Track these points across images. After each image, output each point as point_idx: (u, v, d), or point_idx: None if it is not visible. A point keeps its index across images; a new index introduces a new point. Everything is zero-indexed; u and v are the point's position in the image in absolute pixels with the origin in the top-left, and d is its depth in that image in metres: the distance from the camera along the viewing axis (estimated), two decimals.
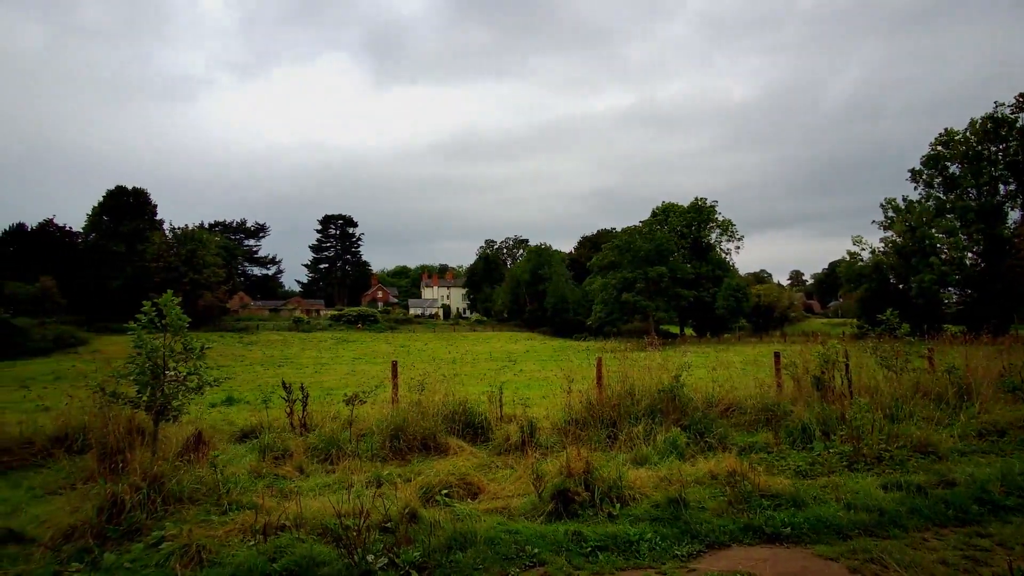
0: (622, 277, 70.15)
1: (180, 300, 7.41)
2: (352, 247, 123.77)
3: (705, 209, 76.26)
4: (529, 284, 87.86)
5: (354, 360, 44.16)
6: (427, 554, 4.89)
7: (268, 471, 7.45)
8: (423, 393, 9.45)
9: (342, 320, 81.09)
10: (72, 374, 33.53)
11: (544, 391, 16.20)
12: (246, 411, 13.95)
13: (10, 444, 8.24)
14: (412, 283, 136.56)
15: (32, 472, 7.76)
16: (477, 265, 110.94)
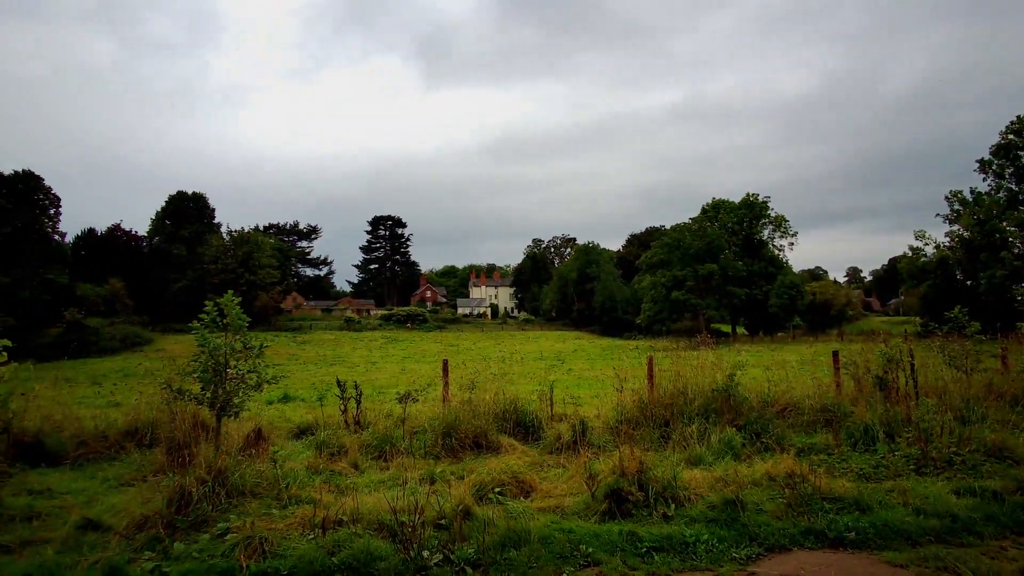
0: (672, 275, 69.16)
1: (239, 300, 7.66)
2: (401, 247, 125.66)
3: (757, 205, 74.41)
4: (577, 283, 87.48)
5: (404, 359, 44.81)
6: (481, 551, 4.91)
7: (324, 467, 7.62)
8: (474, 392, 9.52)
9: (392, 320, 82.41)
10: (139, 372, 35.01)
11: (594, 390, 16.11)
12: (301, 408, 14.32)
13: (86, 437, 8.66)
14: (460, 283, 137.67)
15: (106, 464, 8.14)
16: (524, 264, 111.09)
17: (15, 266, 59.72)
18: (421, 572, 4.67)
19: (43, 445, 8.28)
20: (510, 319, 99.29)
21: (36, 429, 8.31)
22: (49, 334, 55.08)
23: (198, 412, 8.07)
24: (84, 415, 9.79)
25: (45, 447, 8.29)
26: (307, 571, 4.68)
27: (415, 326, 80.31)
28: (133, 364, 43.81)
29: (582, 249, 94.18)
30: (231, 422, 7.95)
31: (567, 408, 10.56)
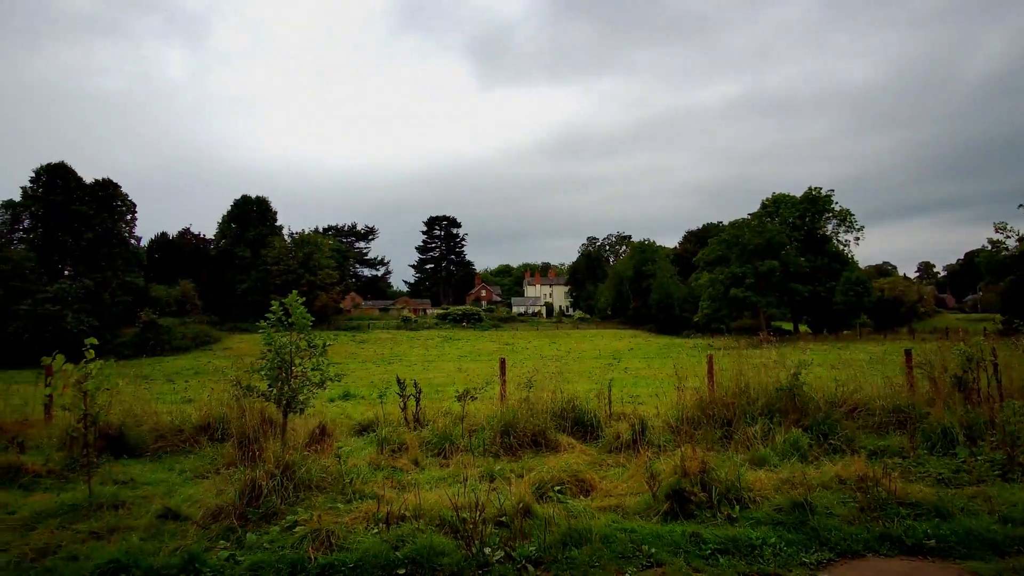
0: (730, 272, 67.55)
1: (303, 300, 7.90)
2: (456, 247, 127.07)
3: (820, 199, 71.78)
4: (633, 281, 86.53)
5: (460, 358, 45.29)
6: (543, 549, 4.92)
7: (386, 463, 7.77)
8: (531, 390, 9.53)
9: (448, 319, 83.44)
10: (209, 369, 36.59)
11: (652, 389, 15.88)
12: (362, 406, 14.66)
13: (164, 431, 9.11)
14: (515, 282, 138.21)
15: (182, 457, 8.54)
16: (579, 263, 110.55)
17: (97, 270, 63.32)
18: (483, 569, 4.71)
19: (125, 438, 8.74)
20: (565, 317, 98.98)
21: (119, 423, 8.78)
22: (127, 333, 58.11)
23: (265, 408, 8.37)
24: (161, 410, 10.28)
25: (127, 440, 8.76)
26: (372, 564, 4.79)
27: (470, 325, 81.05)
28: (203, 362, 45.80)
29: (638, 246, 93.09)
30: (296, 418, 8.19)
31: (626, 407, 10.44)
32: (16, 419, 9.51)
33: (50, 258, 63.02)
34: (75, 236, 63.95)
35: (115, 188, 68.95)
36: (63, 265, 64.76)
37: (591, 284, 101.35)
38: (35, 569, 4.77)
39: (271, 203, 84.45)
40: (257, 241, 79.71)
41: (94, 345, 6.35)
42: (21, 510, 6.05)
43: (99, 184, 67.64)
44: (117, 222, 68.57)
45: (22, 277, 55.37)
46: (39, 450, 8.30)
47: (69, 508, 5.95)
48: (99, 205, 66.50)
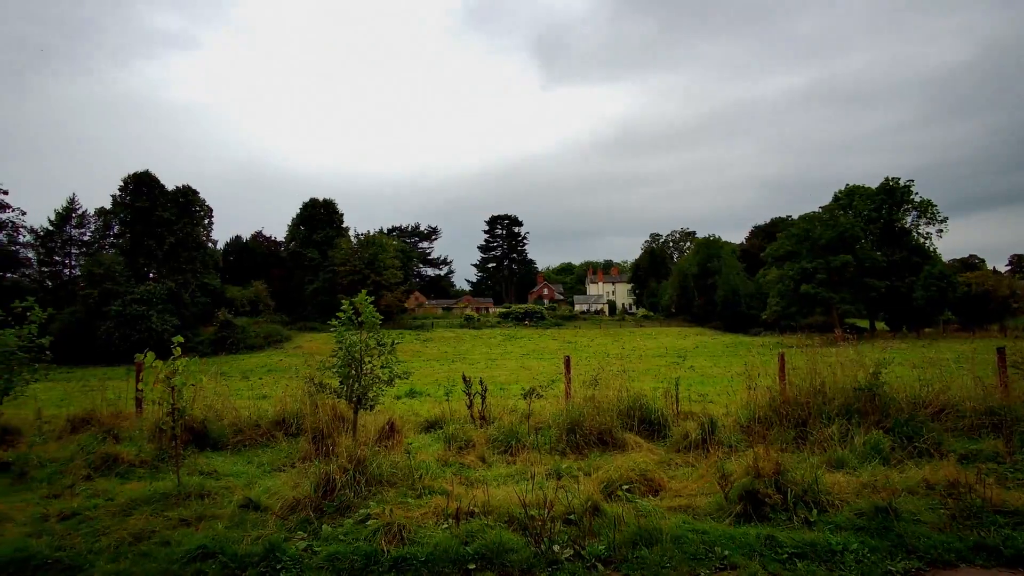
0: (800, 267, 65.07)
1: (372, 300, 8.09)
2: (518, 246, 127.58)
3: (898, 190, 68.23)
4: (697, 277, 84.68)
5: (523, 356, 45.44)
6: (612, 548, 4.88)
7: (454, 460, 7.89)
8: (596, 388, 9.47)
9: (510, 317, 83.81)
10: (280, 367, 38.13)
11: (719, 387, 15.51)
12: (428, 403, 14.91)
13: (242, 426, 9.52)
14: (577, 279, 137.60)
15: (259, 450, 8.91)
16: (642, 260, 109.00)
17: (178, 272, 66.85)
18: (552, 566, 4.72)
19: (207, 431, 9.19)
20: (628, 315, 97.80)
21: (202, 417, 9.24)
22: (206, 332, 61.06)
23: (336, 405, 8.62)
24: (240, 406, 10.75)
25: (209, 433, 9.20)
26: (443, 559, 4.87)
27: (532, 323, 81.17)
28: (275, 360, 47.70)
29: (702, 242, 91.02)
30: (366, 415, 8.40)
31: (693, 406, 10.24)
32: (111, 412, 10.13)
33: (136, 261, 66.88)
34: (159, 240, 67.68)
35: (194, 194, 72.57)
36: (148, 268, 68.58)
37: (654, 281, 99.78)
38: (132, 552, 5.09)
39: (337, 205, 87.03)
40: (325, 243, 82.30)
41: (180, 343, 6.71)
42: (118, 497, 6.45)
43: (179, 191, 71.34)
44: (196, 226, 72.13)
45: (113, 280, 59.00)
46: (132, 441, 8.83)
47: (160, 496, 6.31)
48: (180, 211, 70.16)
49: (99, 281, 58.58)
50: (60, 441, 9.17)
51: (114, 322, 56.10)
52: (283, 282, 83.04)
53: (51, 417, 10.35)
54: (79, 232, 74.78)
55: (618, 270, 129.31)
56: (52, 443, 9.02)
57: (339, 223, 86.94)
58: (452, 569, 4.80)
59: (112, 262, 60.84)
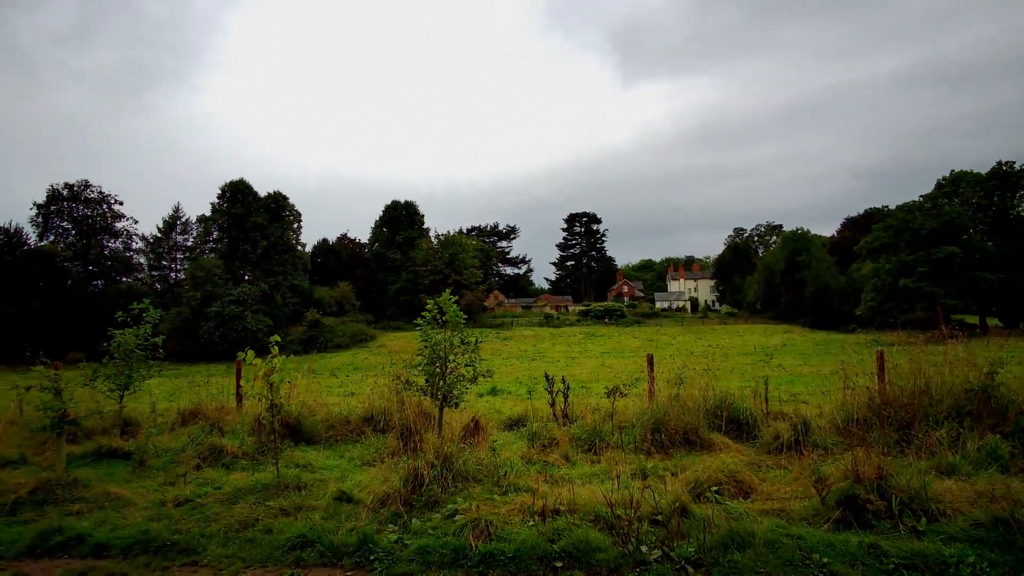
0: (899, 261, 61.08)
1: (456, 299, 8.25)
2: (597, 243, 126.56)
3: (1012, 175, 62.81)
4: (784, 273, 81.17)
5: (603, 354, 45.03)
6: (702, 550, 4.77)
7: (538, 458, 7.92)
8: (681, 387, 9.27)
9: (589, 315, 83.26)
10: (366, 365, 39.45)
11: (811, 387, 14.82)
12: (509, 401, 15.04)
13: (333, 422, 9.93)
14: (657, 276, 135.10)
15: (350, 445, 9.27)
16: (725, 255, 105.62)
17: (270, 274, 70.49)
18: (640, 567, 4.66)
19: (302, 426, 9.64)
20: (711, 312, 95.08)
21: (297, 413, 9.71)
22: (296, 332, 63.93)
23: (422, 402, 8.85)
24: (330, 402, 11.21)
25: (303, 428, 9.65)
26: (530, 556, 4.90)
27: (612, 321, 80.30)
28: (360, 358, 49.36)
29: (790, 236, 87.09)
30: (451, 412, 8.57)
31: (783, 406, 9.84)
32: (215, 407, 10.81)
33: (233, 264, 71.01)
34: (253, 244, 71.63)
35: (284, 200, 76.27)
36: (243, 271, 72.67)
37: (738, 277, 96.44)
38: (239, 538, 5.43)
39: (418, 207, 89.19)
40: (406, 243, 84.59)
41: (278, 342, 7.07)
42: (225, 486, 6.90)
43: (271, 197, 75.18)
44: (286, 230, 75.77)
45: (213, 283, 62.89)
46: (234, 434, 9.39)
47: (262, 487, 6.69)
48: (271, 216, 73.97)
49: (201, 284, 62.61)
50: (172, 433, 9.87)
51: (214, 322, 59.75)
52: (367, 282, 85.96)
53: (164, 410, 11.17)
54: (183, 238, 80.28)
55: (700, 266, 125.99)
56: (166, 434, 9.73)
57: (420, 224, 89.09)
58: (539, 566, 4.83)
59: (212, 266, 64.82)
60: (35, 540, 5.51)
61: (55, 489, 6.73)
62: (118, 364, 10.04)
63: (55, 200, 75.60)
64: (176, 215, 79.89)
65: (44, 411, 7.62)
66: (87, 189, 76.82)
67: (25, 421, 10.05)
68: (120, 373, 10.06)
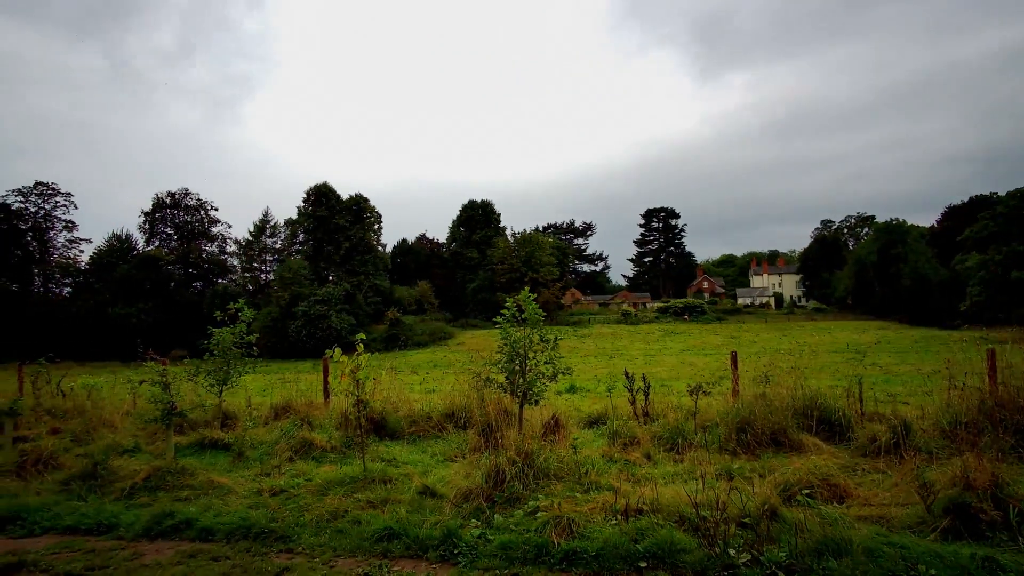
0: (1010, 251, 56.56)
1: (534, 297, 8.26)
2: (675, 239, 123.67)
3: None
4: (877, 266, 76.68)
5: (683, 352, 44.02)
6: (794, 556, 4.57)
7: (618, 456, 7.84)
8: (768, 386, 8.94)
9: (668, 312, 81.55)
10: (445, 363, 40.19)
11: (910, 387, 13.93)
12: (588, 399, 14.94)
13: (416, 418, 10.18)
14: (739, 272, 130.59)
15: (432, 441, 9.47)
16: (812, 249, 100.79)
17: (353, 275, 73.02)
18: (729, 570, 4.52)
19: (385, 422, 9.93)
20: (797, 308, 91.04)
21: (380, 409, 10.01)
22: (378, 330, 65.93)
23: (501, 399, 8.92)
24: (412, 399, 11.49)
25: (387, 424, 9.94)
26: (613, 555, 4.85)
27: (692, 318, 78.35)
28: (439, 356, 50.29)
29: (883, 227, 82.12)
30: (530, 409, 8.60)
31: (879, 407, 9.31)
32: (304, 402, 11.30)
33: (318, 265, 74.04)
34: (336, 246, 74.43)
35: (365, 202, 78.78)
36: (327, 271, 75.63)
37: (826, 272, 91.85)
38: (330, 528, 5.66)
39: (495, 206, 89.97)
40: (483, 242, 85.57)
41: (363, 340, 7.31)
42: (315, 478, 7.20)
43: (353, 199, 77.84)
44: (367, 232, 78.27)
45: (299, 283, 65.80)
46: (322, 428, 9.78)
47: (350, 480, 6.93)
48: (353, 218, 76.60)
49: (288, 284, 65.64)
50: (266, 426, 10.39)
51: (301, 321, 62.50)
52: (445, 281, 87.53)
53: (257, 405, 11.78)
54: (272, 241, 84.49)
55: (784, 261, 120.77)
56: (260, 427, 10.25)
57: (496, 223, 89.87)
58: (623, 566, 4.77)
59: (299, 267, 67.81)
60: (150, 523, 5.94)
61: (165, 476, 7.23)
62: (217, 360, 10.65)
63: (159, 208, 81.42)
64: (265, 219, 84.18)
65: (154, 404, 8.20)
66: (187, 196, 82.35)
67: (138, 413, 10.87)
68: (219, 369, 10.67)
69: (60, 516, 6.29)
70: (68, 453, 8.60)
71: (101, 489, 7.09)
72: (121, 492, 6.98)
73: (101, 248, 75.70)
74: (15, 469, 7.86)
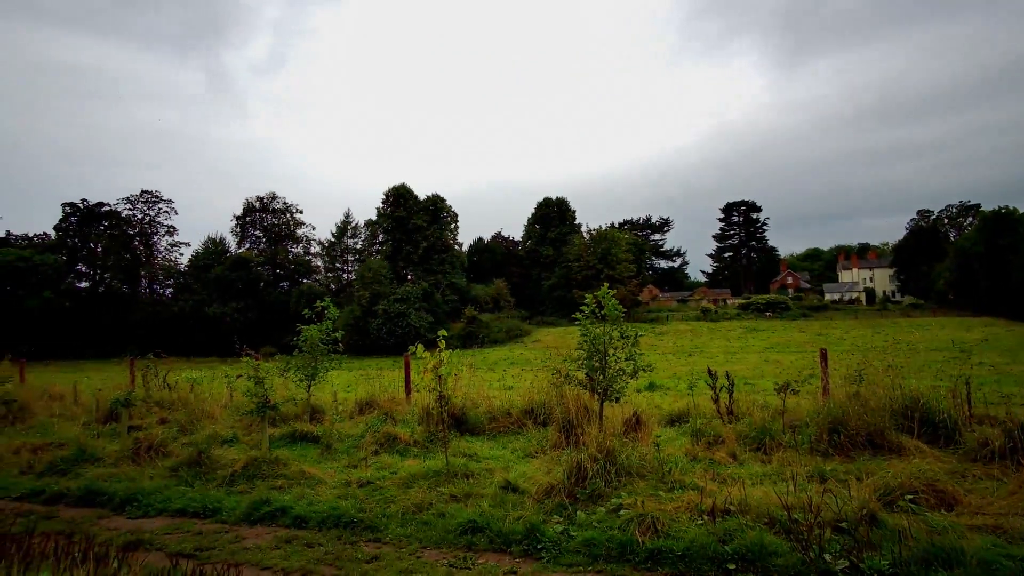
0: None
1: (613, 293, 8.16)
2: (757, 233, 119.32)
3: None
4: (983, 258, 71.23)
5: (766, 349, 42.43)
6: (898, 565, 4.32)
7: (703, 455, 7.64)
8: (862, 384, 8.48)
9: (750, 308, 78.78)
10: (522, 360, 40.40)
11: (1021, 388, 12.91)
12: (669, 396, 14.64)
13: (495, 414, 10.27)
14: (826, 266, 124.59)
15: (512, 437, 9.53)
16: (907, 240, 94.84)
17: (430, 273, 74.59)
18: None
19: (466, 418, 10.08)
20: (891, 304, 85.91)
21: (461, 405, 10.16)
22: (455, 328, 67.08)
23: (581, 396, 8.87)
24: (492, 396, 11.60)
25: (467, 420, 10.08)
26: (700, 556, 4.74)
27: (775, 315, 75.38)
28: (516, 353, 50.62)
29: (991, 216, 76.12)
30: (611, 406, 8.51)
31: (990, 409, 8.64)
32: (387, 398, 11.65)
33: (397, 265, 76.04)
34: (414, 245, 76.22)
35: (441, 202, 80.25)
36: (406, 270, 77.55)
37: (924, 265, 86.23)
38: (415, 520, 5.80)
39: (569, 203, 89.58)
40: (558, 240, 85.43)
41: (444, 337, 7.45)
42: (400, 471, 7.40)
43: (430, 199, 79.46)
44: (444, 231, 79.69)
45: (380, 282, 67.81)
46: (404, 423, 10.04)
47: (433, 473, 7.08)
48: (431, 217, 78.19)
49: (369, 284, 67.76)
50: (351, 420, 10.77)
51: (381, 319, 64.41)
52: (521, 279, 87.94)
53: (343, 400, 12.22)
54: (353, 241, 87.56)
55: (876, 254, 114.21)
56: (346, 421, 10.63)
57: (571, 220, 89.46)
58: (710, 567, 4.66)
59: (379, 267, 69.89)
60: (249, 509, 6.29)
61: (261, 466, 7.62)
62: (305, 357, 11.13)
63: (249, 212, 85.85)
64: (347, 220, 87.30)
65: (249, 397, 8.65)
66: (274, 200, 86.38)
67: (235, 405, 11.50)
68: (307, 365, 11.14)
69: (171, 500, 6.78)
70: (175, 442, 9.22)
71: (205, 476, 7.56)
72: (222, 479, 7.42)
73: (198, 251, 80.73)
74: (131, 455, 8.49)
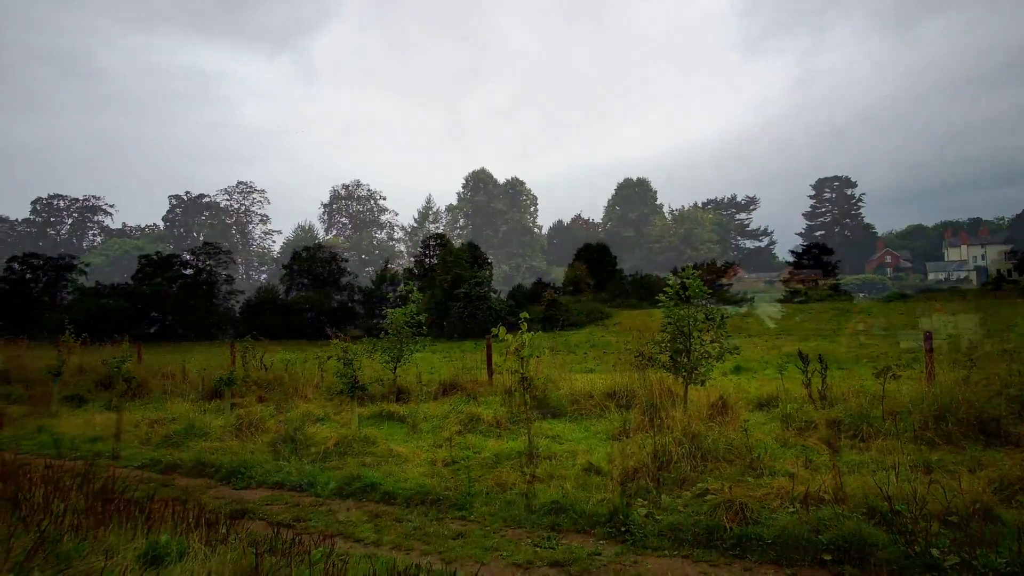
0: None
1: (699, 274, 7.94)
2: (851, 209, 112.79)
3: None
4: None
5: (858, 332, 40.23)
6: (1017, 563, 4.01)
7: (793, 441, 7.36)
8: (973, 369, 7.89)
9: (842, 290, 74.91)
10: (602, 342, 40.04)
11: None
12: (756, 380, 14.15)
13: (577, 396, 10.27)
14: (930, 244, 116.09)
15: (593, 419, 9.50)
16: None
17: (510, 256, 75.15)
18: (932, 572, 4.08)
19: (547, 399, 10.14)
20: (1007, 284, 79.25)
21: (542, 386, 10.22)
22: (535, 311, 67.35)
23: (664, 379, 8.73)
24: (572, 377, 11.60)
25: (548, 401, 10.14)
26: (792, 544, 4.58)
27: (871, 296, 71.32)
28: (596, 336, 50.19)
29: None
30: (695, 389, 8.32)
31: None
32: (470, 379, 11.87)
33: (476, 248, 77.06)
34: (494, 229, 77.02)
35: (521, 185, 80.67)
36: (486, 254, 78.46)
37: None
38: (500, 499, 5.90)
39: (651, 184, 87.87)
40: (640, 221, 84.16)
41: (527, 319, 7.47)
42: (483, 451, 7.55)
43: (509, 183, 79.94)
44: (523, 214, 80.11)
45: (460, 266, 69.00)
46: (487, 404, 10.21)
47: (516, 454, 7.17)
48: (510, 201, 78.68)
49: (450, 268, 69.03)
50: (436, 401, 11.06)
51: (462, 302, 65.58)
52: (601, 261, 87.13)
53: (427, 381, 12.55)
54: (435, 226, 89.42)
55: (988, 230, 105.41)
56: (430, 402, 10.93)
57: (653, 200, 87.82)
58: (802, 556, 4.49)
59: (459, 251, 71.05)
60: (341, 484, 6.60)
61: (351, 443, 7.96)
62: (391, 339, 11.48)
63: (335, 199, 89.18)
64: (428, 205, 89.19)
65: (339, 378, 9.04)
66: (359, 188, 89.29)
67: (325, 386, 12.04)
68: (393, 347, 11.50)
69: (270, 473, 7.20)
70: (272, 419, 9.77)
71: (299, 452, 7.97)
72: (316, 455, 7.80)
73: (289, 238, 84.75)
74: (234, 430, 9.08)
